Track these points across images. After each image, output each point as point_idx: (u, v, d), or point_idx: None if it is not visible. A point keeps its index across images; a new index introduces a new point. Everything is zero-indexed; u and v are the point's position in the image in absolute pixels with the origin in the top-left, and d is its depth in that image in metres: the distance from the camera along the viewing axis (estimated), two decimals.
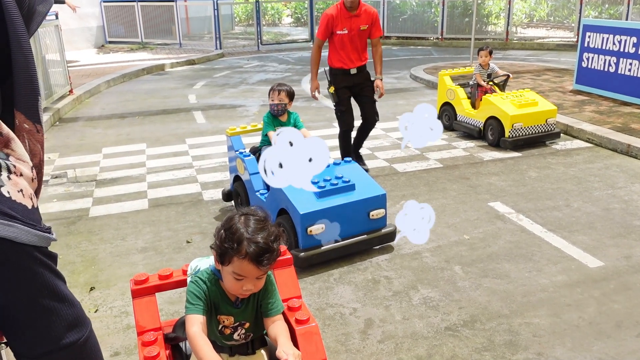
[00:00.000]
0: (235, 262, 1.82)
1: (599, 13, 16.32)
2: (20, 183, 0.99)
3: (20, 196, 0.97)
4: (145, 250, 4.22)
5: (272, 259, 1.84)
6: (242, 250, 1.79)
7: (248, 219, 1.87)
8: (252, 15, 20.05)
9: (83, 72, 12.51)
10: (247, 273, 1.83)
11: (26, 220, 0.97)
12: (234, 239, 1.81)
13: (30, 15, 1.08)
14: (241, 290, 1.88)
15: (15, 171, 0.98)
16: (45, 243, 1.02)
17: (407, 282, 3.71)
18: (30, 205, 1.00)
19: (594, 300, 3.44)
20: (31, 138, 1.08)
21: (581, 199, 5.06)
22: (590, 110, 7.94)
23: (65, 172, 6.03)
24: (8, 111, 1.06)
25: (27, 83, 1.05)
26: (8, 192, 0.95)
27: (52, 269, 1.04)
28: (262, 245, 1.80)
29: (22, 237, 0.95)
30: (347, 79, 5.38)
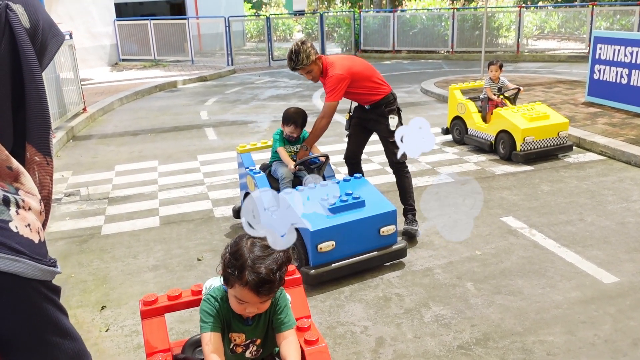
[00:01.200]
0: (237, 288, 1.84)
1: (610, 24, 16.26)
2: (29, 217, 1.00)
3: (27, 231, 0.99)
4: (156, 269, 4.23)
5: (272, 289, 1.84)
6: (244, 278, 1.80)
7: (255, 244, 1.86)
8: (263, 31, 20.25)
9: (97, 90, 12.67)
10: (247, 299, 1.85)
11: (33, 255, 0.98)
12: (237, 265, 1.82)
13: (43, 50, 1.11)
14: (244, 312, 1.90)
15: (24, 205, 0.99)
16: (50, 277, 1.03)
17: (419, 299, 3.67)
18: (37, 240, 1.01)
19: (609, 317, 3.38)
20: (41, 170, 1.10)
21: (595, 213, 5.00)
22: (602, 122, 7.88)
23: (78, 190, 6.08)
24: (19, 144, 1.07)
25: (40, 116, 1.07)
26: (16, 227, 0.97)
27: (56, 303, 1.05)
28: (263, 276, 1.79)
29: (29, 272, 0.97)
30: (360, 113, 4.83)
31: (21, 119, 1.07)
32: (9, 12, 0.99)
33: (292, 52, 4.35)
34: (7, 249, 0.93)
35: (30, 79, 1.04)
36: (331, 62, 4.46)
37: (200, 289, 2.30)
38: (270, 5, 33.98)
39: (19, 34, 1.01)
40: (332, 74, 4.37)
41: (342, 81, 4.34)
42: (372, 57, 18.38)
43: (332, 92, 4.36)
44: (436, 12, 18.65)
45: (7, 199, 0.96)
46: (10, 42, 0.99)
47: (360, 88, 4.47)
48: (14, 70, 1.03)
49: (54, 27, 1.14)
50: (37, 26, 1.07)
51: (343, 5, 34.85)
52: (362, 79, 4.45)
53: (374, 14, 19.52)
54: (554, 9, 20.32)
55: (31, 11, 1.05)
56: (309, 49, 4.33)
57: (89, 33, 17.05)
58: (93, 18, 17.42)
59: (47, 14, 1.12)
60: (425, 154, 6.99)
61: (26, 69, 1.03)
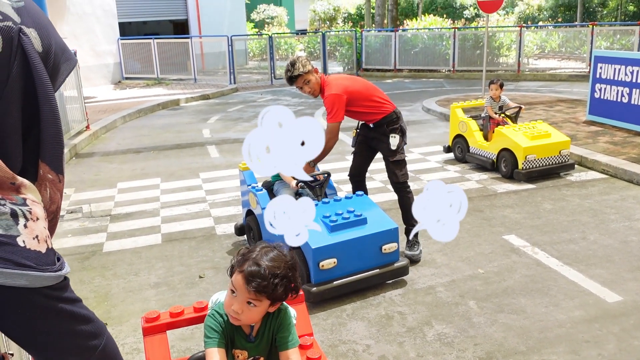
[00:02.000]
0: (235, 274, 1.87)
1: (610, 44, 16.36)
2: (36, 228, 1.03)
3: (35, 243, 1.02)
4: (158, 286, 4.22)
5: (261, 287, 1.81)
6: (243, 265, 1.84)
7: (271, 250, 1.91)
8: (265, 50, 20.40)
9: (100, 107, 12.74)
10: (237, 287, 1.85)
11: (39, 266, 1.01)
12: (244, 256, 1.89)
13: (55, 73, 1.13)
14: (230, 309, 1.87)
15: (32, 217, 1.02)
16: (58, 280, 1.06)
17: (421, 317, 3.66)
18: (44, 249, 1.04)
19: (613, 336, 3.36)
20: (53, 187, 1.13)
21: (598, 231, 4.99)
22: (604, 141, 7.90)
23: (80, 207, 6.09)
24: (29, 161, 1.10)
25: (54, 136, 1.10)
26: (23, 241, 1.00)
27: (64, 299, 1.10)
28: (261, 271, 1.81)
29: (36, 282, 1.00)
30: (366, 131, 4.82)
31: (33, 138, 1.09)
32: (22, 36, 1.02)
33: (289, 63, 4.44)
34: (13, 264, 0.95)
35: (45, 100, 1.06)
36: (328, 81, 4.48)
37: (202, 306, 2.30)
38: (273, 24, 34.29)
39: (32, 57, 1.03)
40: (328, 93, 4.39)
41: (338, 100, 4.35)
42: (373, 76, 18.49)
43: (330, 113, 4.39)
44: (437, 31, 18.80)
45: (15, 213, 0.98)
46: (23, 65, 1.02)
47: (360, 107, 4.48)
48: (25, 92, 1.05)
49: (67, 51, 1.17)
50: (50, 50, 1.09)
51: (345, 24, 35.18)
52: (361, 98, 4.46)
53: (376, 33, 19.67)
54: (555, 29, 20.47)
55: (44, 35, 1.08)
56: (305, 60, 4.40)
57: (93, 51, 17.21)
58: (97, 37, 17.58)
59: (60, 38, 1.15)
60: (427, 172, 7.03)
61: (41, 90, 1.05)
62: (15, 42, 1.00)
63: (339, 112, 4.38)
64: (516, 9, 33.91)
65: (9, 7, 1.03)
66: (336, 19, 36.72)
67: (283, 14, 35.83)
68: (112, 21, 18.24)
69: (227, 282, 1.96)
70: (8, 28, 1.00)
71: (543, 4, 33.28)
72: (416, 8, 33.31)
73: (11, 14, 1.02)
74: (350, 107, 4.45)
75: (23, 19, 1.04)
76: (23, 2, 1.07)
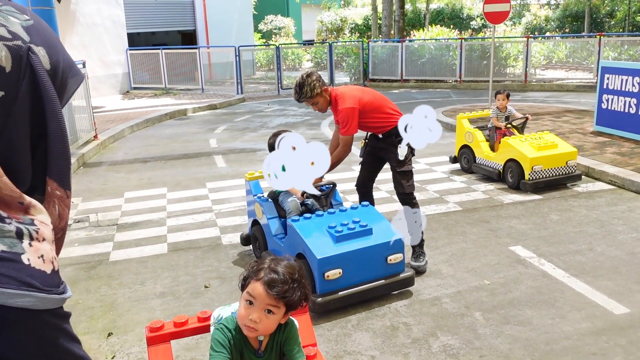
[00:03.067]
0: (251, 284, 1.89)
1: (618, 54, 16.33)
2: (42, 248, 1.02)
3: (40, 262, 1.01)
4: (163, 295, 4.23)
5: (282, 292, 1.86)
6: (260, 274, 1.89)
7: (281, 260, 1.98)
8: (272, 60, 20.50)
9: (108, 117, 12.83)
10: (256, 295, 1.87)
11: (43, 287, 1.01)
12: (258, 267, 1.94)
13: (62, 89, 1.15)
14: (247, 319, 1.88)
15: (38, 237, 1.02)
16: (60, 304, 1.05)
17: (427, 328, 3.64)
18: (49, 270, 1.03)
19: (620, 349, 3.33)
20: (61, 204, 1.13)
21: (605, 242, 4.96)
22: (611, 151, 7.87)
23: (87, 217, 6.12)
24: (39, 179, 1.11)
25: (62, 152, 1.11)
26: (28, 259, 0.99)
27: (66, 332, 1.09)
28: (280, 276, 1.88)
29: (38, 304, 0.99)
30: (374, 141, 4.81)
31: (40, 155, 1.10)
32: (31, 54, 1.04)
33: (297, 85, 4.42)
34: (18, 282, 0.95)
35: (52, 117, 1.08)
36: (341, 93, 4.48)
37: (206, 316, 2.30)
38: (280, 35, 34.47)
39: (40, 75, 1.05)
40: (342, 107, 4.39)
41: (352, 113, 4.36)
42: (380, 86, 18.53)
43: (345, 126, 4.38)
44: (444, 42, 18.84)
45: (21, 232, 0.99)
46: (31, 83, 1.04)
47: (370, 119, 4.47)
48: (33, 110, 1.07)
49: (74, 67, 1.19)
50: (57, 67, 1.11)
51: (352, 35, 35.32)
52: (372, 109, 4.47)
53: (383, 44, 19.74)
54: (562, 40, 20.47)
55: (52, 53, 1.10)
56: (314, 82, 4.36)
57: (102, 62, 17.36)
58: (106, 47, 17.74)
59: (67, 55, 1.17)
60: (433, 182, 7.02)
61: (49, 107, 1.07)
62: (24, 60, 1.03)
63: (353, 124, 4.39)
64: (523, 20, 33.93)
65: (18, 26, 1.05)
66: (343, 30, 36.87)
67: (290, 25, 36.02)
68: (120, 32, 18.41)
69: (232, 292, 1.97)
70: (17, 47, 1.02)
71: (550, 15, 33.30)
72: (423, 19, 33.41)
73: (20, 32, 1.04)
74: (362, 119, 4.45)
75: (32, 37, 1.06)
76: (32, 21, 1.10)
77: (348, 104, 4.38)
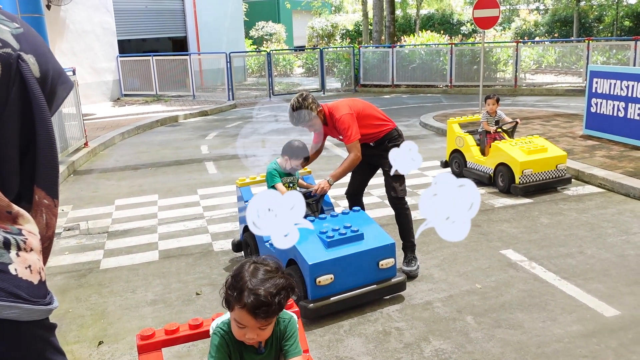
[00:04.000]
0: (236, 311, 1.84)
1: (606, 58, 16.47)
2: (29, 259, 1.02)
3: (27, 272, 1.00)
4: (154, 303, 4.21)
5: (270, 312, 1.82)
6: (242, 299, 1.81)
7: (257, 269, 1.88)
8: (264, 66, 20.53)
9: (98, 124, 12.78)
10: (245, 322, 1.84)
11: (30, 298, 1.00)
12: (237, 287, 1.84)
13: (52, 96, 1.15)
14: (244, 337, 1.88)
15: (25, 247, 1.01)
16: (46, 315, 1.04)
17: (419, 333, 3.64)
18: (37, 280, 1.02)
19: (611, 351, 3.35)
20: (49, 212, 1.13)
21: (595, 245, 4.99)
22: (601, 155, 7.93)
23: (77, 224, 6.08)
24: (26, 187, 1.10)
25: (50, 162, 1.11)
26: (15, 269, 0.99)
27: (52, 344, 1.08)
28: (262, 298, 1.80)
29: (24, 316, 0.99)
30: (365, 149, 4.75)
31: (28, 163, 1.10)
32: (21, 62, 1.04)
33: (294, 109, 4.38)
34: (4, 293, 0.94)
35: (41, 124, 1.07)
36: (333, 106, 4.51)
37: (198, 323, 2.29)
38: (271, 41, 34.50)
39: (30, 83, 1.05)
40: (340, 115, 4.40)
41: (351, 118, 4.39)
42: (371, 92, 18.59)
43: (348, 132, 4.39)
44: (435, 47, 18.93)
45: (8, 242, 0.98)
46: (21, 90, 1.04)
47: (362, 127, 4.48)
48: (23, 118, 1.07)
49: (63, 74, 1.19)
50: (47, 75, 1.11)
51: (342, 41, 35.42)
52: (363, 117, 4.49)
53: (373, 50, 19.80)
54: (551, 44, 20.63)
55: (42, 61, 1.10)
56: (310, 105, 4.37)
57: (92, 69, 17.30)
58: (96, 54, 17.69)
59: (57, 63, 1.17)
60: (424, 186, 7.04)
61: (38, 114, 1.07)
62: (14, 68, 1.03)
63: (355, 129, 4.41)
64: (513, 25, 34.19)
65: (8, 34, 1.05)
66: (334, 36, 36.98)
67: (281, 31, 36.07)
68: (111, 39, 18.36)
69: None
70: (7, 55, 1.02)
71: (539, 20, 33.57)
72: (414, 24, 33.58)
73: (10, 40, 1.04)
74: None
75: (22, 45, 1.06)
76: (22, 29, 1.10)
77: (343, 111, 4.40)
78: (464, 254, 4.91)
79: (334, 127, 4.50)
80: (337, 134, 4.54)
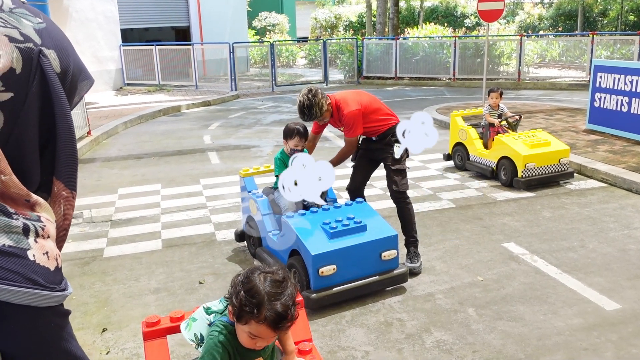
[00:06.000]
0: (253, 325, 1.83)
1: (610, 53, 16.42)
2: (47, 245, 1.02)
3: (44, 259, 1.01)
4: (157, 291, 4.23)
5: (289, 324, 1.86)
6: (261, 315, 1.79)
7: (269, 280, 1.86)
8: (266, 57, 20.47)
9: (101, 113, 12.79)
10: (263, 335, 1.86)
11: (47, 284, 1.01)
12: (253, 303, 1.80)
13: (72, 91, 1.16)
14: (255, 346, 1.91)
15: (44, 234, 1.03)
16: (62, 300, 1.06)
17: (420, 324, 3.67)
18: (53, 267, 1.03)
19: (611, 344, 3.37)
20: (67, 204, 1.15)
21: (597, 239, 5.00)
22: (603, 149, 7.93)
23: (81, 213, 6.10)
24: (45, 178, 1.12)
25: (70, 155, 1.12)
26: (34, 255, 0.99)
27: (67, 331, 1.09)
28: (282, 313, 1.80)
29: (41, 301, 1.00)
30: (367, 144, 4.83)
31: (48, 155, 1.11)
32: (42, 57, 1.05)
33: (305, 107, 4.29)
34: (22, 278, 0.96)
35: (62, 118, 1.09)
36: (341, 98, 4.48)
37: None
38: (274, 31, 34.41)
39: (50, 77, 1.06)
40: (348, 110, 4.39)
41: (358, 116, 4.40)
42: (374, 84, 18.56)
43: (351, 129, 4.41)
44: (438, 40, 18.88)
45: (27, 228, 1.00)
46: (41, 84, 1.05)
47: (367, 122, 4.48)
48: (43, 111, 1.08)
49: (84, 71, 1.20)
50: (68, 70, 1.13)
51: (346, 32, 35.31)
52: (370, 112, 4.49)
53: (377, 41, 19.75)
54: (555, 38, 20.55)
55: (63, 56, 1.11)
56: (321, 100, 4.32)
57: (95, 57, 17.27)
58: (99, 43, 17.66)
59: (78, 59, 1.18)
60: (427, 179, 7.05)
61: (58, 108, 1.08)
62: (34, 62, 1.04)
63: (359, 126, 4.43)
64: (517, 18, 34.03)
65: (31, 29, 1.06)
66: (337, 27, 36.85)
67: (284, 22, 35.96)
68: (114, 27, 18.33)
69: (227, 288, 1.97)
70: (29, 49, 1.03)
71: (544, 13, 33.41)
72: (417, 16, 33.47)
73: (33, 35, 1.05)
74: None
75: (44, 40, 1.07)
76: (45, 24, 1.11)
77: (353, 106, 4.39)
78: (466, 246, 4.93)
79: (338, 120, 4.50)
80: (341, 125, 4.55)
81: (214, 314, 2.05)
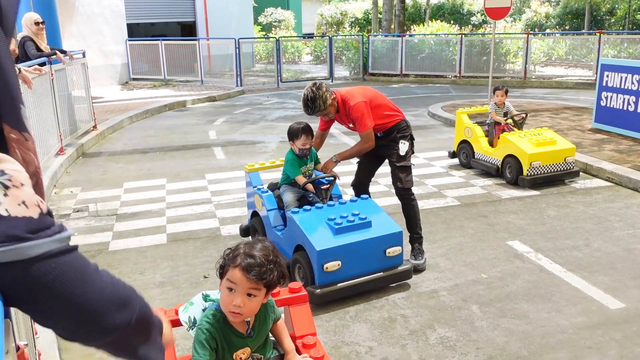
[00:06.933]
0: (229, 272, 1.96)
1: (617, 52, 16.34)
2: (22, 194, 0.94)
3: (22, 209, 0.92)
4: (162, 285, 4.25)
5: (261, 273, 1.92)
6: (237, 260, 1.94)
7: (254, 243, 2.04)
8: (272, 53, 20.47)
9: (107, 108, 12.82)
10: (237, 281, 1.93)
11: (30, 236, 0.92)
12: (233, 253, 1.99)
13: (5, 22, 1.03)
14: (231, 305, 1.95)
15: (13, 184, 0.93)
16: (55, 245, 0.96)
17: (424, 321, 3.67)
18: (37, 214, 0.94)
19: (615, 343, 3.37)
20: (21, 147, 1.03)
21: (601, 238, 5.00)
22: (609, 149, 7.90)
23: (86, 206, 6.13)
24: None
25: (4, 90, 1.00)
26: (6, 209, 0.91)
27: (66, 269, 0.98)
28: (256, 259, 1.93)
29: (29, 253, 0.91)
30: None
31: None
32: None
33: (308, 99, 4.30)
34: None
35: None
36: (346, 93, 4.48)
37: None
38: (280, 27, 34.35)
39: None
40: (354, 103, 4.37)
41: (365, 107, 4.37)
42: (380, 81, 18.53)
43: (361, 121, 4.37)
44: (444, 37, 18.83)
45: None
46: None
47: (373, 117, 4.46)
48: None
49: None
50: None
51: (352, 29, 35.24)
52: (375, 107, 4.48)
53: (383, 38, 19.72)
54: (562, 37, 20.47)
55: None
56: (325, 94, 4.31)
57: (101, 52, 17.31)
58: (105, 37, 17.69)
59: None
60: (432, 176, 7.05)
61: None
62: None
63: (368, 117, 4.39)
64: (523, 16, 33.89)
65: None
66: (343, 24, 36.78)
67: (290, 18, 35.89)
68: (120, 22, 18.35)
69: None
70: None
71: (551, 12, 33.26)
72: (423, 14, 33.35)
73: None
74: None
75: None
76: None
77: (358, 99, 4.38)
78: (470, 244, 4.93)
79: (345, 115, 4.49)
80: (348, 121, 4.54)
81: (211, 302, 2.13)
